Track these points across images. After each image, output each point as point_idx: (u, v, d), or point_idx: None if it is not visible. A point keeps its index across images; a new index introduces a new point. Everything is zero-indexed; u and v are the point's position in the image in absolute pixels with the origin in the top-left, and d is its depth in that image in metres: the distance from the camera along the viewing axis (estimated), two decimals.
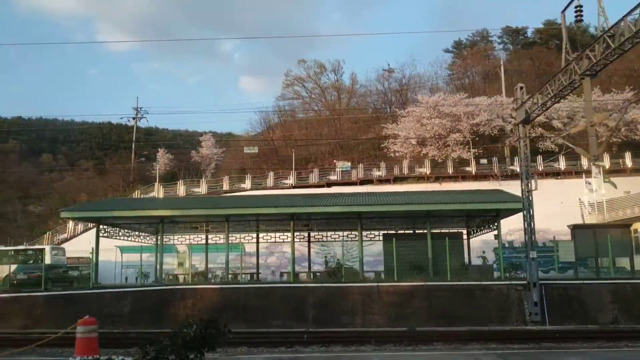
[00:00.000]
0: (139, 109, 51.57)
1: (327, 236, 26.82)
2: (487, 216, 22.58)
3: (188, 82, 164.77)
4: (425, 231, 24.55)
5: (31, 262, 33.29)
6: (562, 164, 41.61)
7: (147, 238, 29.10)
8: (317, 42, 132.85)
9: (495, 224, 21.64)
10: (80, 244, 39.85)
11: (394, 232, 24.52)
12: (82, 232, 41.14)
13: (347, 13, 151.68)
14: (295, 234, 29.81)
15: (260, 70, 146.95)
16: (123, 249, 36.70)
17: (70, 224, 41.57)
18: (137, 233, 27.12)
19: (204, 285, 19.80)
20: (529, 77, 62.20)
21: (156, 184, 42.54)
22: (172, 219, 22.47)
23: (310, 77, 76.53)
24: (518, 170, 41.15)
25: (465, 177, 41.42)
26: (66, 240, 40.43)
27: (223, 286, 19.71)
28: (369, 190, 37.03)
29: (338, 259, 35.74)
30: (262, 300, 19.21)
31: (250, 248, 35.67)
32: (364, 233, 26.83)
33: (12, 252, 33.89)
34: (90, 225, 41.58)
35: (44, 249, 33.75)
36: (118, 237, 24.94)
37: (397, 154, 42.05)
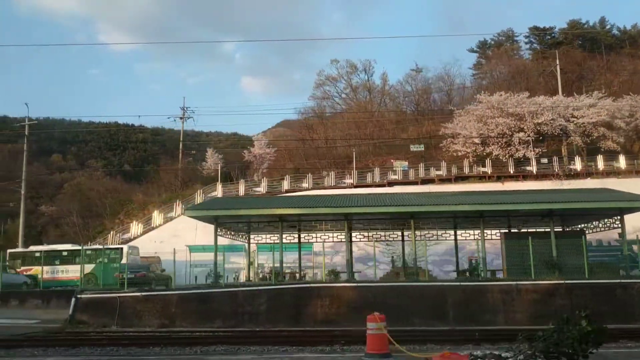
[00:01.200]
0: (185, 109, 51.38)
1: (437, 235, 26.59)
2: (601, 214, 22.67)
3: (189, 83, 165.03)
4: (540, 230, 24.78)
5: (106, 261, 33.35)
6: (622, 163, 41.75)
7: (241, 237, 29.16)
8: (319, 43, 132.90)
9: (617, 222, 21.74)
10: (142, 244, 39.84)
11: (516, 230, 24.60)
12: (143, 233, 41.00)
13: (348, 13, 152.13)
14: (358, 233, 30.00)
15: (261, 70, 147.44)
16: (192, 248, 36.81)
17: (133, 224, 41.47)
18: (232, 232, 27.15)
19: (340, 283, 19.87)
20: (564, 76, 62.54)
21: (218, 184, 42.50)
22: (288, 217, 22.51)
23: (342, 77, 77.05)
24: (579, 169, 41.80)
25: (526, 176, 41.60)
26: (129, 240, 40.34)
27: (358, 284, 19.79)
28: (431, 190, 37.17)
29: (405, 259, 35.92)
30: (398, 298, 19.28)
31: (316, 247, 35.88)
32: (459, 232, 27.05)
33: (89, 252, 33.87)
34: (153, 225, 41.62)
35: (122, 248, 33.71)
36: (227, 236, 24.96)
37: (459, 153, 42.20)
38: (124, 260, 33.23)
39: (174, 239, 39.68)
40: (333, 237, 29.00)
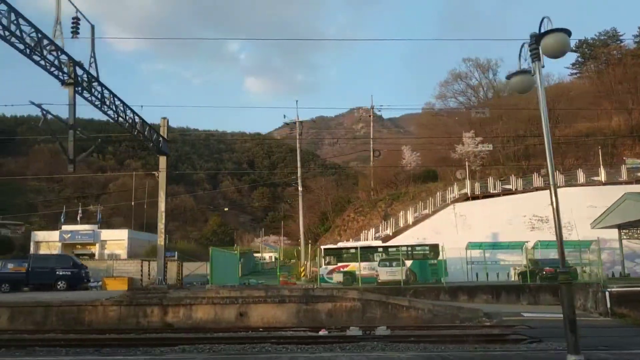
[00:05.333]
0: (373, 107, 51.43)
1: None
2: None
3: (194, 83, 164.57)
4: None
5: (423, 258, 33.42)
6: None
7: None
8: (323, 44, 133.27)
9: None
10: (403, 241, 39.68)
11: None
12: (397, 232, 40.80)
13: (352, 14, 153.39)
14: None
15: (265, 71, 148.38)
16: (471, 245, 36.90)
17: (389, 222, 41.31)
18: None
19: None
20: None
21: (467, 181, 42.47)
22: None
23: (474, 76, 78.22)
24: None
25: None
26: (388, 237, 40.21)
27: None
28: None
29: None
30: None
31: None
32: None
33: (404, 248, 33.86)
34: (402, 225, 41.49)
35: (437, 244, 33.70)
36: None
37: None
38: (441, 257, 33.39)
39: (436, 236, 39.73)
40: None
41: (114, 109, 21.05)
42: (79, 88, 17.84)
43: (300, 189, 36.56)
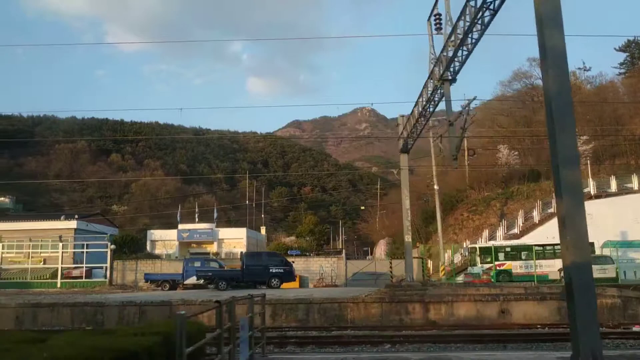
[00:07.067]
0: (468, 108, 51.16)
1: None
2: None
3: (195, 83, 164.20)
4: None
5: None
6: None
7: None
8: (325, 45, 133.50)
9: None
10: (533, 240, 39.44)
11: None
12: (525, 230, 40.59)
13: (353, 15, 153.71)
14: None
15: (267, 71, 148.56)
16: (609, 244, 36.91)
17: (504, 222, 41.17)
18: None
19: None
20: None
21: (590, 180, 42.29)
22: None
23: (538, 76, 78.64)
24: None
25: None
26: (516, 236, 40.06)
27: None
28: None
29: None
30: None
31: None
32: None
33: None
34: (521, 224, 41.25)
35: (593, 242, 33.63)
36: None
37: None
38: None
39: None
40: None
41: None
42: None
43: (436, 187, 36.33)
